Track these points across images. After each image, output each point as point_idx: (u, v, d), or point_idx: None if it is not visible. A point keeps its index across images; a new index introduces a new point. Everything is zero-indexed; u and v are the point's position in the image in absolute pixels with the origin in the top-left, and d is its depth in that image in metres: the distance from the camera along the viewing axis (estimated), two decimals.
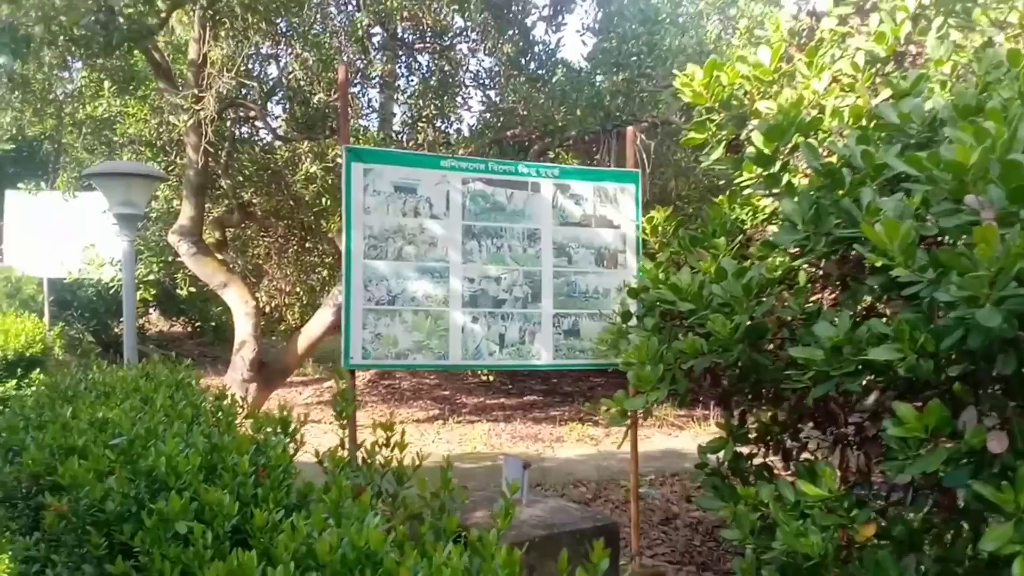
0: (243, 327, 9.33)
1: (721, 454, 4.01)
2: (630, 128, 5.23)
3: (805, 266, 3.94)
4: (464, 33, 8.60)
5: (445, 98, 9.35)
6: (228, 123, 10.25)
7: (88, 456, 2.23)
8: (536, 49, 8.59)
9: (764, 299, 4.05)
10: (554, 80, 8.21)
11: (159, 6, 7.15)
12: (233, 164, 11.11)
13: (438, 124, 10.09)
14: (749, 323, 3.76)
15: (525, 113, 7.81)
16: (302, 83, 9.95)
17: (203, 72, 7.46)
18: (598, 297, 5.12)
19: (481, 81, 8.93)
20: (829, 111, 3.88)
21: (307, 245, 12.67)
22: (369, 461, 2.50)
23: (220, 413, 2.82)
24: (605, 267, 5.14)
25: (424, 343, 4.72)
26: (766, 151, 3.46)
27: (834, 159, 3.33)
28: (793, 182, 3.58)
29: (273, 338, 13.95)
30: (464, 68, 9.15)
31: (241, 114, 10.51)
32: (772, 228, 4.64)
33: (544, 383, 13.76)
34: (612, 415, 4.21)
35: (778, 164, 3.50)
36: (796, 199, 3.24)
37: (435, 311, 4.75)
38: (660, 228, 5.04)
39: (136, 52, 11.18)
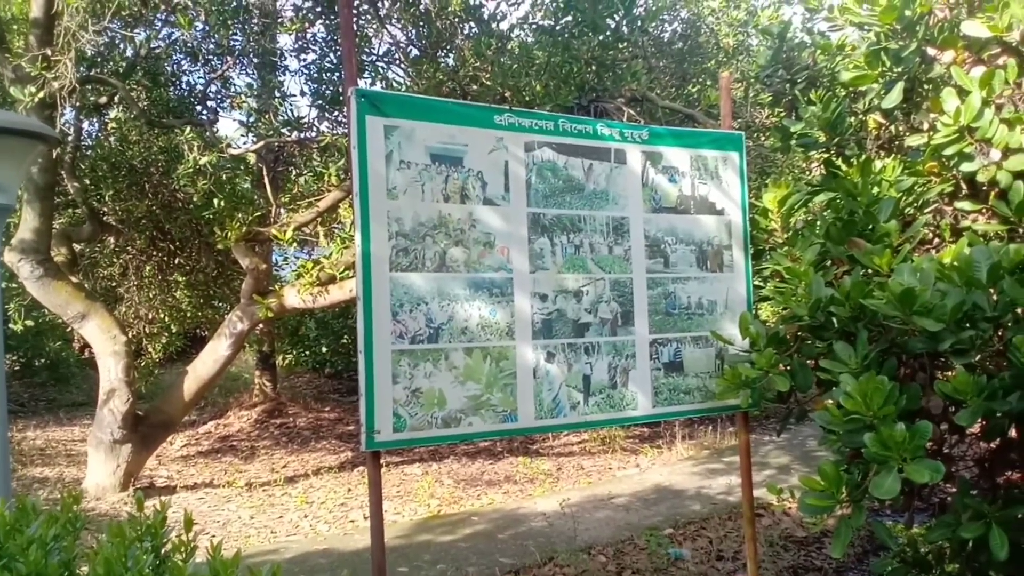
0: (111, 370, 7.12)
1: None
2: (725, 74, 3.75)
3: None
4: None
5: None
6: (72, 111, 7.99)
7: None
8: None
9: None
10: (528, 41, 6.59)
11: None
12: (81, 163, 8.79)
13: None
14: None
15: (489, 83, 6.17)
16: (173, 55, 7.87)
17: (56, 29, 5.34)
18: (703, 313, 3.59)
19: (431, 37, 7.06)
20: None
21: (177, 261, 10.40)
22: None
23: None
24: (709, 270, 3.63)
25: (483, 398, 3.03)
26: None
27: None
28: None
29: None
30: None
31: (91, 99, 8.24)
32: (962, 204, 3.29)
33: None
34: (809, 504, 2.69)
35: None
36: None
37: (496, 348, 3.07)
38: (788, 212, 3.59)
39: None
